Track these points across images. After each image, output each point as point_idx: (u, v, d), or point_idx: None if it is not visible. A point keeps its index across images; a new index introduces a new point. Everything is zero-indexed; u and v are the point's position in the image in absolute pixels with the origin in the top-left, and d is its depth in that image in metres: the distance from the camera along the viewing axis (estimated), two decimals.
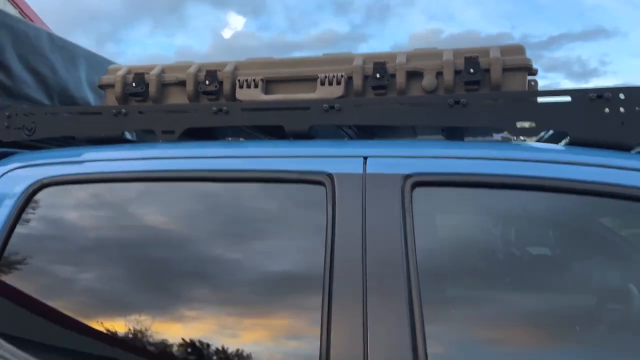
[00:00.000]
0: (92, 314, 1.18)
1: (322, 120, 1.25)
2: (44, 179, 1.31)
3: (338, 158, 1.15)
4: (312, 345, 0.98)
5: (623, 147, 1.10)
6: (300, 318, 1.07)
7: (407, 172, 1.09)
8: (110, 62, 2.07)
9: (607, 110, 1.10)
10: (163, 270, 1.18)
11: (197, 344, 1.08)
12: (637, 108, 1.08)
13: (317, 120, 1.25)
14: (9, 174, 1.35)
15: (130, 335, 1.12)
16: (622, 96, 1.09)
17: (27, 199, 1.29)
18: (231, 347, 1.06)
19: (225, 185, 1.22)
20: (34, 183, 1.31)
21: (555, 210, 1.07)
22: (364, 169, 1.12)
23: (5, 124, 1.47)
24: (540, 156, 1.07)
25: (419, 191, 1.07)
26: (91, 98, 1.90)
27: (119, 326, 1.13)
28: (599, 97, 1.10)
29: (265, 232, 1.17)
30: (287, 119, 1.27)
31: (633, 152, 1.12)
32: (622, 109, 1.09)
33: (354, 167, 1.12)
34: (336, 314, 0.98)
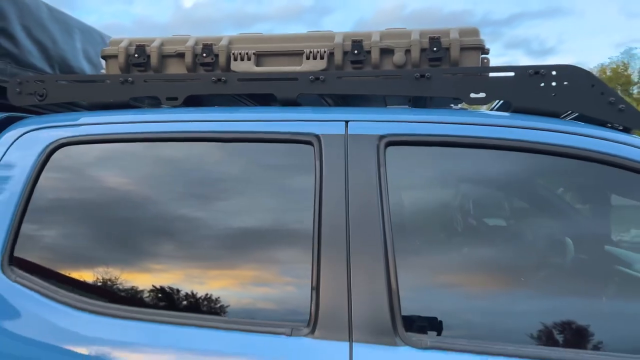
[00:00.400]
0: (111, 261, 1.37)
1: (308, 89, 1.46)
2: (61, 139, 1.48)
3: (323, 122, 1.37)
4: (299, 296, 1.20)
5: (554, 114, 1.37)
6: (294, 262, 1.28)
7: (381, 133, 1.32)
8: (100, 34, 2.20)
9: (542, 84, 1.35)
10: (169, 219, 1.38)
11: (198, 290, 1.29)
12: (565, 83, 1.34)
13: (305, 89, 1.46)
14: (26, 135, 1.50)
15: (144, 280, 1.32)
16: (554, 73, 1.34)
17: (46, 158, 1.45)
18: (235, 295, 1.28)
19: (225, 145, 1.42)
20: (52, 143, 1.47)
21: (500, 164, 1.32)
22: (346, 131, 1.34)
23: (17, 89, 1.61)
24: (489, 121, 1.32)
25: (391, 149, 1.31)
26: (86, 68, 2.03)
27: (134, 270, 1.34)
28: (536, 73, 1.35)
29: (262, 185, 1.38)
30: (278, 88, 1.48)
31: (562, 118, 1.38)
32: (553, 83, 1.34)
33: (337, 129, 1.35)
34: (325, 251, 1.21)
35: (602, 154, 1.23)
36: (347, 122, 1.36)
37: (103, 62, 1.81)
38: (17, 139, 1.50)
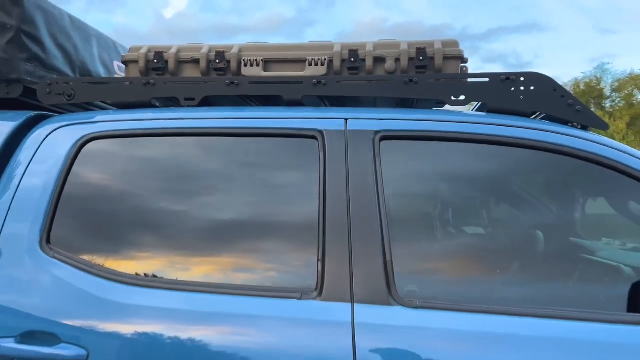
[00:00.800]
0: (135, 238, 1.55)
1: (312, 91, 1.67)
2: (90, 134, 1.66)
3: (326, 119, 1.58)
4: (308, 266, 1.41)
5: (524, 114, 1.60)
6: (303, 238, 1.48)
7: (376, 129, 1.53)
8: (113, 42, 2.39)
9: (512, 88, 1.59)
10: (190, 203, 1.57)
11: (222, 263, 1.49)
12: (531, 87, 1.57)
13: (308, 91, 1.67)
14: (58, 130, 1.68)
15: (169, 255, 1.51)
16: (522, 79, 1.58)
17: (77, 151, 1.63)
18: (253, 267, 1.47)
19: (239, 139, 1.61)
20: (82, 138, 1.65)
21: (475, 155, 1.54)
22: (346, 127, 1.55)
23: (47, 90, 1.78)
24: (467, 119, 1.55)
25: (385, 143, 1.53)
26: (102, 72, 2.22)
27: (157, 246, 1.52)
28: (507, 79, 1.58)
29: (272, 174, 1.58)
30: (285, 90, 1.68)
31: (533, 118, 1.62)
32: (522, 88, 1.58)
33: (338, 125, 1.56)
34: (329, 228, 1.42)
35: (562, 147, 1.46)
36: (346, 119, 1.57)
37: (123, 66, 2.00)
38: (50, 133, 1.67)
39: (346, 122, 1.56)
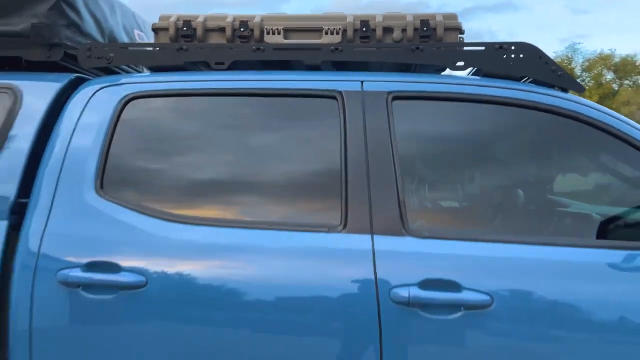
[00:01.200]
0: (178, 183, 1.76)
1: (330, 57, 1.89)
2: (130, 93, 1.85)
3: (344, 81, 1.81)
4: (334, 205, 1.65)
5: (513, 78, 1.86)
6: (328, 181, 1.71)
7: (388, 90, 1.77)
8: (132, 12, 2.55)
9: (504, 56, 1.84)
10: (228, 154, 1.79)
11: (261, 203, 1.73)
12: (520, 55, 1.83)
13: (327, 57, 1.89)
14: (101, 90, 1.87)
15: (211, 196, 1.73)
16: (512, 48, 1.83)
17: (122, 108, 1.83)
18: (287, 207, 1.71)
19: (268, 99, 1.83)
20: (124, 96, 1.84)
21: (471, 112, 1.80)
22: (362, 88, 1.79)
23: (87, 54, 1.96)
24: (465, 81, 1.80)
25: (396, 103, 1.77)
26: (125, 39, 2.38)
27: (198, 188, 1.74)
28: (500, 47, 1.83)
29: (299, 129, 1.81)
30: (305, 56, 1.90)
31: (520, 81, 1.88)
32: (512, 55, 1.83)
33: (355, 87, 1.79)
34: (350, 173, 1.66)
35: (546, 105, 1.73)
36: (362, 81, 1.80)
37: (143, 34, 2.17)
38: (95, 93, 1.86)
39: (362, 84, 1.80)
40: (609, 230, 1.75)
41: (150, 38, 2.67)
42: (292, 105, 1.84)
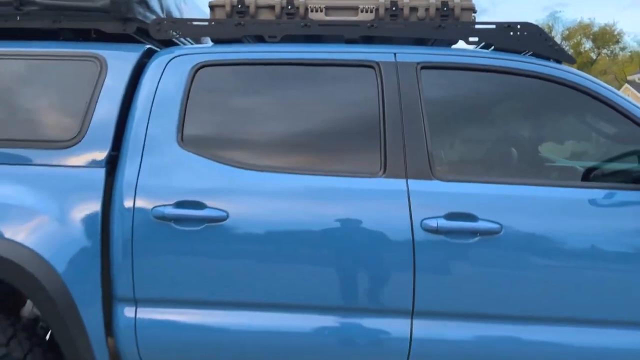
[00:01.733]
0: (245, 138, 2.14)
1: (366, 32, 2.25)
2: (201, 62, 2.20)
3: (380, 53, 2.18)
4: (375, 155, 2.05)
5: (518, 52, 2.25)
6: (370, 136, 2.10)
7: (417, 60, 2.16)
8: None
9: (512, 33, 2.23)
10: (288, 114, 2.16)
11: (313, 158, 2.12)
12: (525, 33, 2.22)
13: (363, 32, 2.25)
14: (174, 59, 2.21)
15: (275, 148, 2.12)
16: (519, 26, 2.22)
17: (194, 74, 2.18)
18: (339, 159, 2.11)
19: (317, 68, 2.20)
20: (195, 65, 2.19)
21: (484, 80, 2.20)
22: (395, 59, 2.17)
23: (157, 28, 2.28)
24: (478, 54, 2.19)
25: (424, 71, 2.15)
26: (177, 13, 2.69)
27: (266, 142, 2.12)
28: (508, 26, 2.22)
29: (343, 94, 2.19)
30: (346, 31, 2.26)
31: (523, 54, 2.27)
32: (518, 33, 2.22)
33: (390, 58, 2.17)
34: (388, 129, 2.06)
35: (543, 74, 2.14)
36: (395, 53, 2.18)
37: (208, 10, 2.48)
38: (170, 61, 2.20)
39: (395, 55, 2.17)
40: (591, 179, 2.19)
41: (190, 10, 2.98)
42: (337, 73, 2.21)
